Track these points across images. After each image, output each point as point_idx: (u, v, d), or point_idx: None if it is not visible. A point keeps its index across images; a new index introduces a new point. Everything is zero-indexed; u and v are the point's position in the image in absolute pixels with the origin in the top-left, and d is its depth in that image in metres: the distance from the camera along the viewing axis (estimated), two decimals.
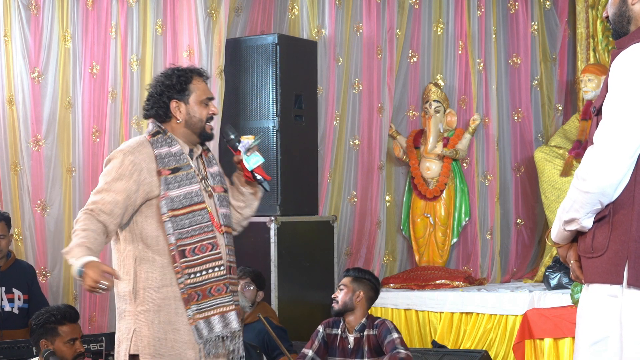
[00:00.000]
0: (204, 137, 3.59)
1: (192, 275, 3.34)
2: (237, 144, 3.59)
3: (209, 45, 6.43)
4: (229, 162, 3.83)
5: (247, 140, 3.63)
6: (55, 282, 6.22)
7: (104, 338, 5.15)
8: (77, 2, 6.32)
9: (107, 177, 3.39)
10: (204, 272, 3.38)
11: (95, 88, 6.38)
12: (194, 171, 3.50)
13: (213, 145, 5.29)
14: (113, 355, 3.69)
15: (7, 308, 5.49)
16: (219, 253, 3.46)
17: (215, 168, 3.65)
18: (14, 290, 5.54)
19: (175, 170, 3.44)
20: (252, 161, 3.59)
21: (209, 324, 3.35)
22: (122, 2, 6.42)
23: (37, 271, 5.92)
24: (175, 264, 3.36)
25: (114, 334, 3.65)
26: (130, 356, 3.35)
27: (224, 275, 3.45)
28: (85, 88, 6.36)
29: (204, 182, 3.55)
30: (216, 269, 3.42)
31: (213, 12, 6.47)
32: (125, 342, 3.39)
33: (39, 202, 6.21)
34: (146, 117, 3.63)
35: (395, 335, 4.98)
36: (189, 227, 3.41)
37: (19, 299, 5.54)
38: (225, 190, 3.64)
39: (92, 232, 3.29)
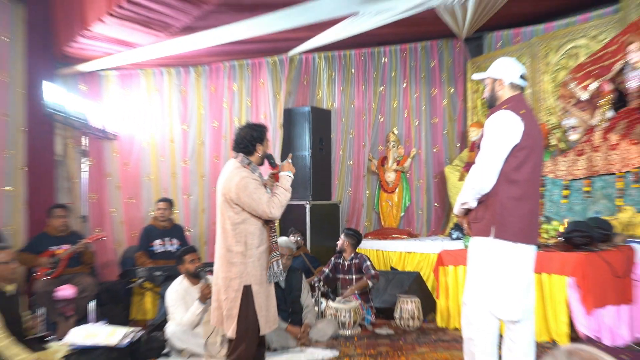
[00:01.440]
0: (260, 166, 3.33)
1: (273, 238, 3.21)
2: (274, 165, 3.40)
3: (275, 112, 6.44)
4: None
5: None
6: (194, 235, 6.30)
7: None
8: (206, 89, 6.43)
9: (256, 189, 3.10)
10: (275, 236, 3.24)
11: (215, 135, 6.45)
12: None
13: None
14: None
15: (169, 248, 5.53)
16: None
17: None
18: (173, 239, 5.60)
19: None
20: None
21: (277, 265, 3.19)
22: (230, 89, 6.50)
23: (184, 228, 5.99)
24: (270, 226, 3.19)
25: None
26: (245, 286, 3.08)
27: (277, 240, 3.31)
28: (210, 134, 6.43)
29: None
30: (277, 236, 3.27)
31: (277, 94, 6.50)
32: (238, 279, 3.08)
33: (186, 193, 6.31)
34: (237, 150, 3.21)
35: (368, 262, 5.04)
36: None
37: (176, 244, 5.58)
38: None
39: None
